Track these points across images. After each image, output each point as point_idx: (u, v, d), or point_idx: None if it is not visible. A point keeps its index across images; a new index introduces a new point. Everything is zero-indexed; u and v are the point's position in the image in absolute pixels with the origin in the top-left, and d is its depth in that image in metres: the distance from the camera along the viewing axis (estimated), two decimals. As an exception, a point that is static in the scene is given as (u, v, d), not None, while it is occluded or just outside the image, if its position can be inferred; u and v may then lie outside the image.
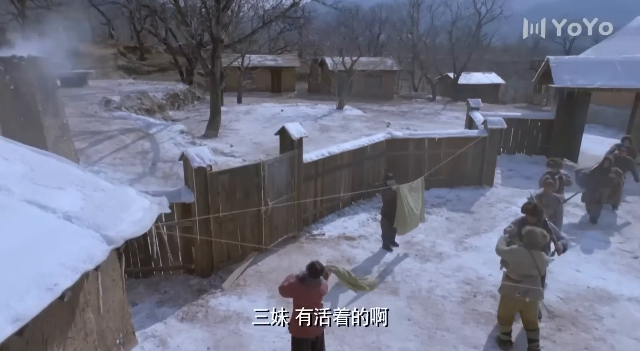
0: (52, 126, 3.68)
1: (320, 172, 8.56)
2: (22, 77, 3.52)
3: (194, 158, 6.04)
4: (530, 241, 4.69)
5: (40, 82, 3.62)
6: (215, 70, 13.46)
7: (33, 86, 3.52)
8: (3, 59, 3.57)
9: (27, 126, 3.60)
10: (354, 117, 19.38)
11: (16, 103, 3.57)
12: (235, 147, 12.95)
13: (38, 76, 3.61)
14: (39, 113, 3.56)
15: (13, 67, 3.53)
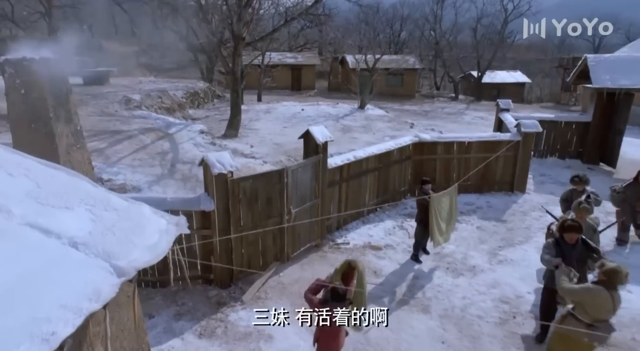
0: (65, 132, 3.37)
1: (345, 177, 8.15)
2: (33, 80, 3.21)
3: (214, 164, 5.72)
4: (613, 281, 3.92)
5: (52, 85, 3.31)
6: (236, 68, 13.18)
7: (44, 90, 3.20)
8: (13, 62, 3.27)
9: (37, 133, 3.30)
10: (377, 117, 18.88)
11: (26, 109, 3.27)
12: (256, 148, 12.65)
13: (50, 78, 3.30)
14: (50, 120, 3.25)
15: (24, 70, 3.23)
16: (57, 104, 3.46)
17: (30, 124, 3.40)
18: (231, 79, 13.49)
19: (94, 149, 10.02)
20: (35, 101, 3.36)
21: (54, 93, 3.43)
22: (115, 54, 44.39)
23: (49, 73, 3.40)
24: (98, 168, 8.99)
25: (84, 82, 18.36)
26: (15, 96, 3.36)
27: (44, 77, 3.35)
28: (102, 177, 8.75)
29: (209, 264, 6.22)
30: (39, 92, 3.33)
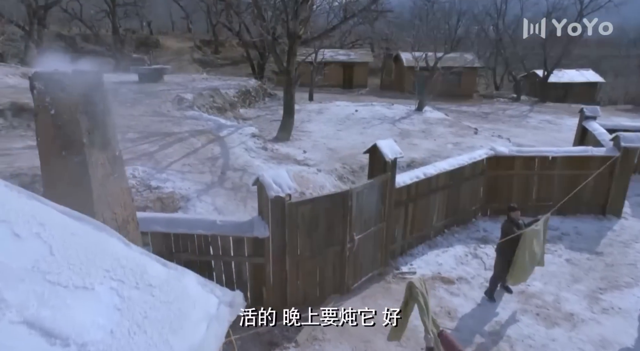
0: (100, 160, 2.69)
1: (413, 196, 7.18)
2: (65, 99, 2.52)
3: (270, 185, 4.97)
4: None
5: (88, 104, 2.63)
6: (290, 68, 12.47)
7: (78, 111, 2.51)
8: (43, 76, 2.60)
9: (69, 162, 2.63)
10: (436, 120, 17.56)
11: (57, 132, 2.62)
12: (309, 153, 11.90)
13: (85, 96, 2.60)
14: (83, 146, 2.57)
15: (55, 86, 2.57)
16: (93, 127, 2.78)
17: (61, 151, 2.76)
18: (285, 80, 12.81)
19: (144, 152, 9.68)
20: (66, 123, 2.70)
21: (89, 114, 2.75)
22: (171, 50, 45.61)
23: (84, 90, 2.71)
24: (147, 174, 8.59)
25: (139, 80, 18.46)
26: (45, 117, 2.72)
27: (78, 95, 2.66)
28: (151, 184, 8.32)
29: (260, 296, 5.52)
30: (72, 113, 2.66)
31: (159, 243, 5.30)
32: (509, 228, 5.87)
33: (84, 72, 2.81)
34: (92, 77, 2.89)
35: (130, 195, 3.38)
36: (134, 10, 40.54)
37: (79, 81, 2.76)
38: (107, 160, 3.02)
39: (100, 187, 2.95)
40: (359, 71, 34.22)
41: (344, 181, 10.72)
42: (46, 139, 2.83)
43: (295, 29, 12.23)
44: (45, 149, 2.86)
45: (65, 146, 2.81)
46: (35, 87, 2.75)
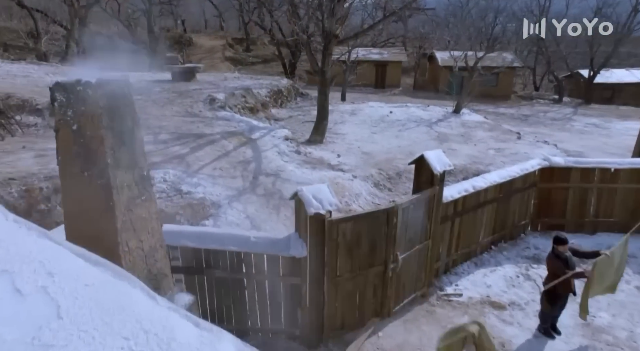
0: (126, 182, 2.30)
1: (459, 211, 6.58)
2: (88, 112, 2.14)
3: (310, 202, 4.52)
4: None
5: (114, 118, 2.23)
6: (325, 68, 12.01)
7: (102, 126, 2.12)
8: (65, 86, 2.23)
9: (91, 184, 2.25)
10: (475, 124, 16.71)
11: (79, 150, 2.25)
12: (343, 158, 11.43)
13: (110, 109, 2.22)
14: (107, 166, 2.19)
15: (77, 98, 2.19)
16: (119, 144, 2.41)
17: (83, 171, 2.40)
18: (320, 80, 12.37)
19: (176, 155, 9.46)
20: (89, 140, 2.33)
21: (115, 129, 2.37)
22: (203, 48, 46.11)
23: (109, 102, 2.33)
24: (178, 178, 8.35)
25: (173, 78, 18.47)
26: (66, 134, 2.37)
27: (103, 108, 2.28)
28: (182, 188, 8.07)
29: (295, 318, 5.10)
30: (95, 128, 2.29)
31: (188, 258, 4.97)
32: (557, 267, 5.06)
33: (109, 82, 2.44)
34: (119, 87, 2.51)
35: (159, 220, 3.00)
36: (169, 9, 41.17)
37: (104, 91, 2.39)
38: (134, 181, 2.65)
39: (126, 212, 2.58)
40: (392, 70, 33.40)
41: (380, 188, 10.20)
42: (67, 157, 2.48)
43: (331, 27, 11.76)
44: (65, 169, 2.51)
45: (87, 166, 2.45)
46: (56, 99, 2.40)
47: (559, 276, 4.92)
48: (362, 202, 9.24)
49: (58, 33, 33.59)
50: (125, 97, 2.56)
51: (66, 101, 2.37)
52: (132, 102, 2.62)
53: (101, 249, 2.15)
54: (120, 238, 2.55)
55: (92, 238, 2.41)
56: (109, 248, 2.46)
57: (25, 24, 33.79)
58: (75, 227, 2.50)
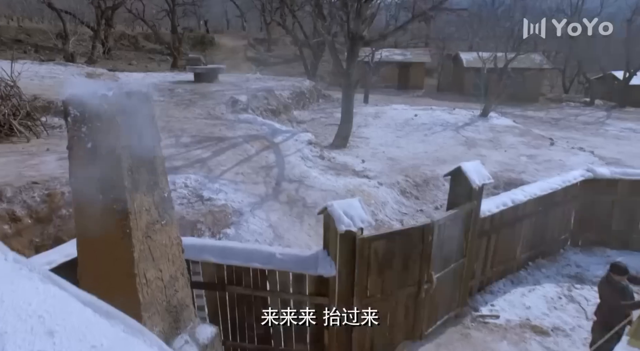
0: (145, 206, 2.01)
1: (496, 226, 6.14)
2: (105, 129, 1.85)
3: (340, 218, 4.19)
4: None
5: (133, 135, 1.92)
6: (350, 70, 11.66)
7: (120, 144, 1.82)
8: (79, 100, 1.96)
9: (106, 209, 1.97)
10: (504, 128, 16.07)
11: (93, 171, 1.95)
12: (368, 163, 11.05)
13: (130, 125, 1.93)
14: (124, 190, 1.89)
15: (93, 113, 1.90)
16: (138, 164, 2.12)
17: (98, 194, 2.10)
18: (344, 83, 12.03)
19: (197, 159, 9.27)
20: (105, 160, 2.05)
21: (133, 148, 2.06)
22: (225, 48, 46.34)
23: (128, 117, 2.04)
24: (199, 183, 8.13)
25: (195, 79, 18.44)
26: (80, 152, 2.10)
27: (121, 124, 1.99)
28: (203, 194, 7.85)
29: (321, 340, 4.78)
30: (112, 146, 2.00)
31: (210, 273, 4.71)
32: (611, 297, 4.57)
33: (128, 94, 2.17)
34: (138, 100, 2.24)
35: (180, 245, 2.72)
36: (192, 10, 41.47)
37: (122, 105, 2.12)
38: (154, 204, 2.37)
39: (144, 240, 2.31)
40: (415, 71, 32.77)
41: (406, 196, 9.80)
42: (80, 178, 2.22)
43: (357, 29, 11.40)
44: (79, 192, 2.25)
45: (103, 189, 2.18)
46: (70, 114, 2.14)
47: (616, 307, 4.45)
48: (389, 211, 8.87)
49: (85, 34, 34.21)
50: (145, 110, 2.27)
51: (80, 116, 2.10)
52: (153, 116, 2.34)
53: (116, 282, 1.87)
54: (137, 269, 2.27)
55: (105, 269, 2.14)
56: (124, 280, 2.19)
57: (55, 25, 34.54)
58: (87, 256, 2.23)
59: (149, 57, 39.73)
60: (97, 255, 2.21)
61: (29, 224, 6.71)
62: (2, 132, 9.43)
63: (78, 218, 2.31)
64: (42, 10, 36.17)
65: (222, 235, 7.04)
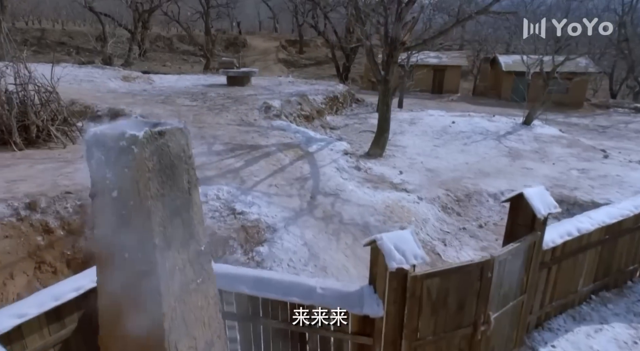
0: (179, 265, 1.62)
1: (558, 257, 5.50)
2: (133, 175, 1.45)
3: (391, 254, 3.72)
4: None
5: (166, 182, 1.52)
6: (389, 77, 11.13)
7: (150, 195, 1.40)
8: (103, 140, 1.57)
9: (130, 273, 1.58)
10: (550, 138, 15.08)
11: (118, 224, 1.55)
12: (405, 175, 10.49)
13: (162, 171, 1.52)
14: (154, 249, 1.49)
15: (120, 155, 1.50)
16: (171, 216, 1.74)
17: (123, 252, 1.72)
18: (381, 90, 11.52)
19: (230, 168, 9.00)
20: (133, 212, 1.64)
21: (167, 197, 1.67)
22: (257, 50, 46.55)
23: (162, 161, 1.64)
24: (232, 195, 7.84)
25: (228, 83, 18.35)
26: (104, 201, 1.72)
27: (153, 170, 1.60)
28: (235, 207, 7.54)
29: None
30: (141, 197, 1.60)
31: (244, 304, 4.34)
32: None
33: (161, 133, 1.78)
34: (174, 139, 1.85)
35: (217, 304, 2.33)
36: (225, 11, 41.84)
37: (155, 147, 1.74)
38: (189, 261, 1.98)
39: (177, 305, 1.92)
40: (450, 75, 31.75)
41: (448, 212, 9.19)
42: (103, 232, 1.86)
43: (397, 33, 10.86)
44: (102, 247, 1.89)
45: (128, 246, 1.81)
46: (93, 157, 1.77)
47: None
48: (430, 229, 8.30)
49: (123, 36, 35.08)
50: (182, 151, 1.88)
51: (105, 160, 1.74)
52: (190, 156, 1.94)
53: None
54: (168, 341, 1.88)
55: (130, 341, 1.75)
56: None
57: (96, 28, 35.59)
58: (110, 324, 1.86)
59: (182, 58, 40.37)
60: (120, 325, 1.84)
61: (61, 236, 6.57)
62: (41, 138, 9.47)
63: (100, 279, 1.95)
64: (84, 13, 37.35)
65: (254, 253, 6.70)
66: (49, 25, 39.57)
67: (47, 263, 6.33)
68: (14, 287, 5.93)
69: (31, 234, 6.36)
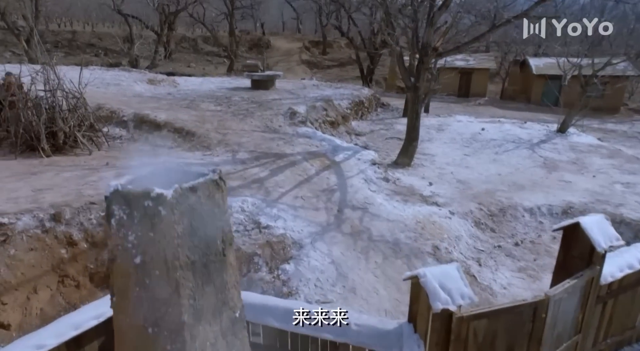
0: (210, 339, 1.27)
1: (615, 290, 5.01)
2: (160, 240, 1.13)
3: (436, 294, 3.37)
4: None
5: (197, 246, 1.19)
6: (420, 84, 10.70)
7: (179, 264, 1.08)
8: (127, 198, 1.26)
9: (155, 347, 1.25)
10: (587, 147, 14.31)
11: (144, 295, 1.26)
12: (435, 187, 10.05)
13: (193, 233, 1.21)
14: (183, 326, 1.17)
15: (145, 219, 1.18)
16: (203, 285, 1.42)
17: (146, 326, 1.43)
18: (411, 97, 11.10)
19: (255, 178, 8.76)
20: (158, 281, 1.34)
21: (198, 263, 1.37)
22: (281, 51, 46.53)
23: (193, 222, 1.34)
24: (257, 207, 7.59)
25: (252, 86, 18.20)
26: (125, 267, 1.45)
27: (183, 235, 1.29)
28: (260, 221, 7.29)
29: None
30: (169, 266, 1.28)
31: (271, 336, 4.06)
32: None
33: (194, 189, 1.49)
34: (207, 194, 1.56)
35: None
36: (249, 12, 41.95)
37: (186, 207, 1.45)
38: (221, 333, 1.69)
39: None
40: (478, 78, 30.89)
41: (481, 228, 8.72)
42: (124, 302, 1.58)
43: (429, 39, 10.43)
44: (120, 318, 1.61)
45: (152, 320, 1.53)
46: (113, 215, 1.49)
47: None
48: (463, 248, 7.86)
49: (149, 37, 35.57)
50: (217, 206, 1.59)
51: (127, 220, 1.46)
52: (226, 211, 1.64)
53: None
54: None
55: None
56: None
57: (123, 29, 36.20)
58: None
59: (206, 59, 40.68)
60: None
61: (85, 248, 6.45)
62: (67, 144, 9.45)
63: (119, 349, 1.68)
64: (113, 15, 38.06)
65: (280, 271, 6.42)
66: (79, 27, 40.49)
67: (70, 276, 6.21)
68: (37, 302, 5.82)
69: (55, 246, 6.26)
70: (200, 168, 1.69)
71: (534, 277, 7.33)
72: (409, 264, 6.96)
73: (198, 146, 10.34)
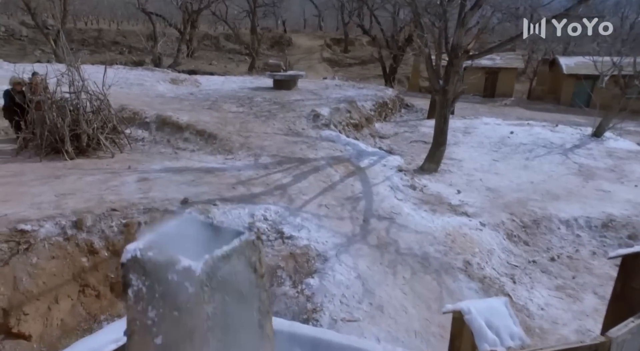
0: None
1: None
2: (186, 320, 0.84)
3: (483, 333, 3.05)
4: None
5: (229, 325, 0.89)
6: (449, 87, 10.27)
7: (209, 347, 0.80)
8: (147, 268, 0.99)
9: None
10: (626, 153, 13.56)
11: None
12: (464, 195, 9.62)
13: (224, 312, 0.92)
14: None
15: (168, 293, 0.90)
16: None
17: None
18: (439, 100, 10.67)
19: (277, 184, 8.53)
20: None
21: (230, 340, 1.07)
22: (302, 48, 46.30)
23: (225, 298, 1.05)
24: (280, 216, 7.36)
25: (274, 86, 18.01)
26: (143, 344, 1.14)
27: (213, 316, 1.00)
28: (284, 230, 7.05)
29: None
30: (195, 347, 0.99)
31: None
32: None
33: (228, 256, 1.22)
34: (244, 261, 1.29)
35: None
36: (271, 10, 41.82)
37: (218, 282, 1.18)
38: None
39: None
40: (504, 78, 29.97)
41: (514, 241, 8.28)
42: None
43: (459, 40, 9.97)
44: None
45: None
46: (130, 285, 1.23)
47: None
48: (496, 263, 7.45)
49: (172, 35, 35.84)
50: (253, 271, 1.32)
51: (148, 293, 1.20)
52: (263, 275, 1.37)
53: None
54: None
55: None
56: None
57: (147, 27, 36.57)
58: None
59: (228, 57, 40.78)
60: None
61: (106, 257, 6.33)
62: (91, 146, 9.41)
63: None
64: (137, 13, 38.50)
65: (304, 286, 6.17)
66: (105, 26, 41.14)
67: (91, 286, 6.11)
68: (58, 312, 5.73)
69: (76, 255, 6.16)
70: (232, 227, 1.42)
71: (573, 297, 6.88)
72: (439, 280, 6.61)
73: (220, 149, 10.18)
